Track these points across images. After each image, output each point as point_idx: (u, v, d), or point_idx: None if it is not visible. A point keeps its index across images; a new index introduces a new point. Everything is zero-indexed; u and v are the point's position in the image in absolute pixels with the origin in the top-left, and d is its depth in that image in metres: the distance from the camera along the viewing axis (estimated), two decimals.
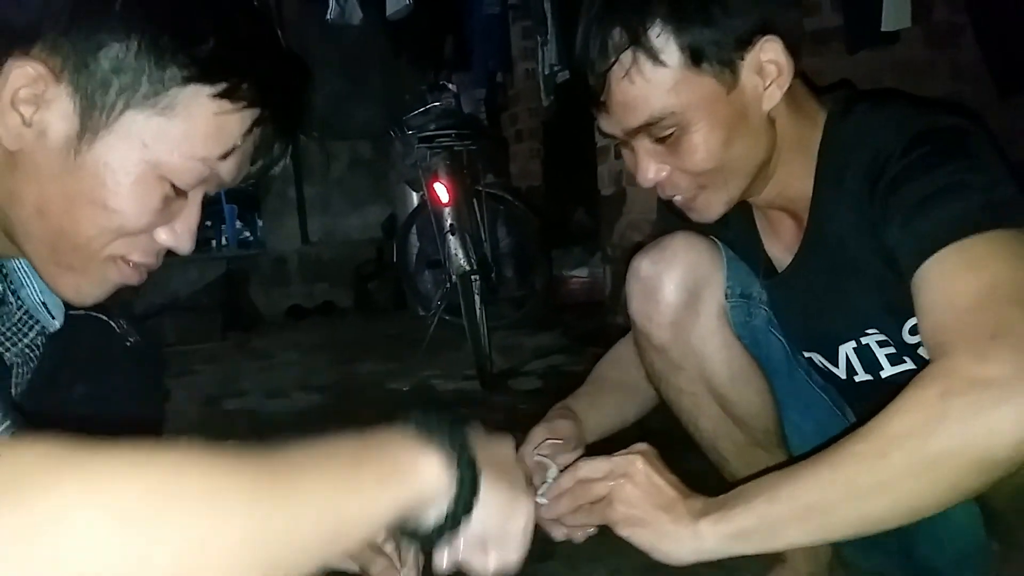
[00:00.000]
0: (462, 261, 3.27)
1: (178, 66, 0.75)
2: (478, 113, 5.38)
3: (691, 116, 0.95)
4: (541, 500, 0.93)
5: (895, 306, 0.98)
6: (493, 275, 3.95)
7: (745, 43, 0.94)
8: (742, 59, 0.94)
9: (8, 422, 0.73)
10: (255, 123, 0.80)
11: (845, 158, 0.99)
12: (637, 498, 0.87)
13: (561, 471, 0.96)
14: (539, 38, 4.53)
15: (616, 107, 0.96)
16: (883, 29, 2.57)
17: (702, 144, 0.96)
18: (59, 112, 0.74)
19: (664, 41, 0.92)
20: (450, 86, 4.58)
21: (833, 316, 1.09)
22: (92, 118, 0.74)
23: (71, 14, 0.73)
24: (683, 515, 0.85)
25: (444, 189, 3.44)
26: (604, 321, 3.64)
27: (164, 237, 0.82)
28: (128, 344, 1.00)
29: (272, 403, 3.19)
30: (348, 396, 3.24)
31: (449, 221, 3.36)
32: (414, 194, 4.50)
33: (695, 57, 0.92)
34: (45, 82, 0.73)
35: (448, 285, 3.42)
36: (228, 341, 4.60)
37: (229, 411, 3.12)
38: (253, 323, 5.14)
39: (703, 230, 1.14)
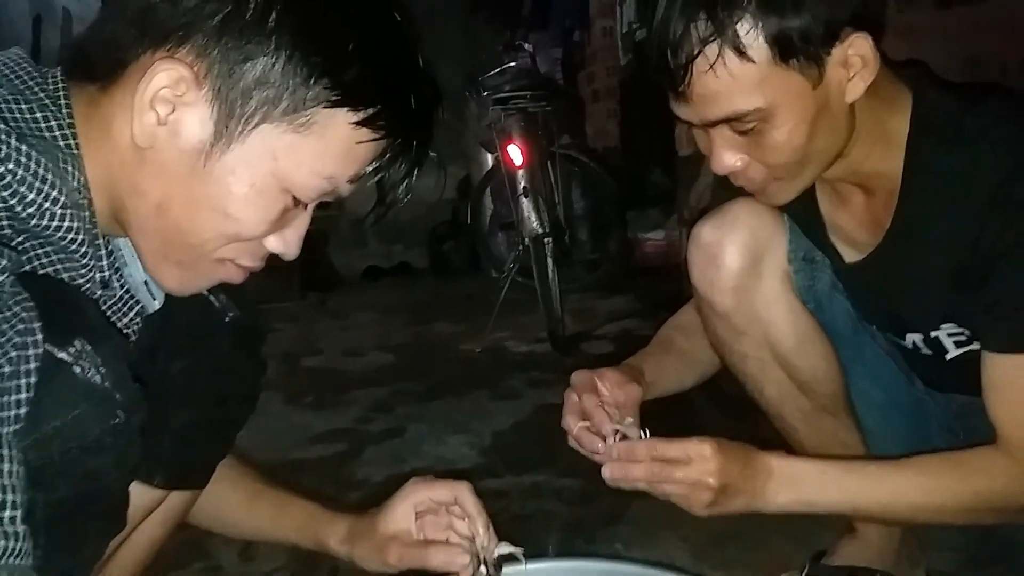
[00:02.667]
0: (535, 224, 3.27)
1: (324, 88, 0.76)
2: (555, 72, 5.33)
3: (775, 111, 0.91)
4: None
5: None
6: (566, 238, 3.93)
7: (833, 37, 0.89)
8: (829, 54, 0.90)
9: (121, 395, 0.73)
10: (387, 149, 0.81)
11: (942, 160, 0.96)
12: (722, 479, 0.95)
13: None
14: None
15: (697, 99, 0.92)
16: None
17: (785, 139, 0.93)
18: (196, 116, 0.75)
19: (753, 37, 0.87)
20: (526, 46, 4.53)
21: (910, 308, 1.08)
22: (228, 126, 0.75)
23: (223, 23, 0.74)
24: (769, 473, 0.98)
25: (518, 151, 3.42)
26: (679, 285, 3.58)
27: (273, 243, 0.84)
28: (227, 319, 1.00)
29: (349, 361, 3.25)
30: (422, 356, 3.30)
31: (522, 184, 3.35)
32: (489, 155, 4.49)
33: (783, 53, 0.88)
34: (187, 85, 0.74)
35: (521, 248, 3.41)
36: (307, 300, 4.70)
37: (307, 368, 3.20)
38: (331, 283, 5.23)
39: None
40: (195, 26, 0.74)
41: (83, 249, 0.77)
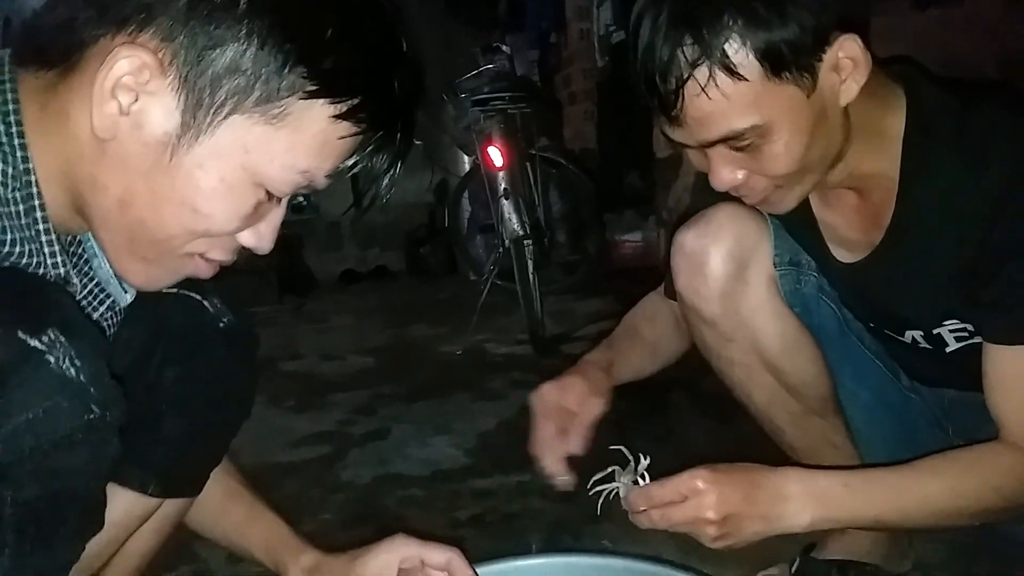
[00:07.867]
0: (515, 226, 3.27)
1: (299, 77, 0.71)
2: (531, 75, 5.34)
3: (772, 126, 0.90)
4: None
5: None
6: (546, 240, 3.94)
7: (823, 43, 0.89)
8: (820, 60, 0.89)
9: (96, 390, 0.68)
10: (369, 142, 0.77)
11: (944, 159, 0.96)
12: (722, 510, 0.94)
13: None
14: None
15: (691, 122, 0.90)
16: None
17: (784, 151, 0.92)
18: (161, 106, 0.71)
19: (743, 55, 0.86)
20: (503, 48, 4.53)
21: (912, 307, 1.08)
22: (196, 117, 0.71)
23: (189, 5, 0.69)
24: (782, 495, 0.96)
25: (498, 153, 3.42)
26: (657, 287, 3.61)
27: (247, 238, 0.79)
28: (221, 326, 0.98)
29: (327, 365, 3.24)
30: (402, 359, 3.29)
31: (503, 185, 3.35)
32: (466, 158, 4.49)
33: (774, 67, 0.87)
34: (151, 72, 0.70)
35: (501, 250, 3.42)
36: (284, 305, 4.66)
37: (286, 372, 3.17)
38: (308, 287, 5.19)
39: None
40: (159, 8, 0.69)
41: (16, 249, 0.72)
